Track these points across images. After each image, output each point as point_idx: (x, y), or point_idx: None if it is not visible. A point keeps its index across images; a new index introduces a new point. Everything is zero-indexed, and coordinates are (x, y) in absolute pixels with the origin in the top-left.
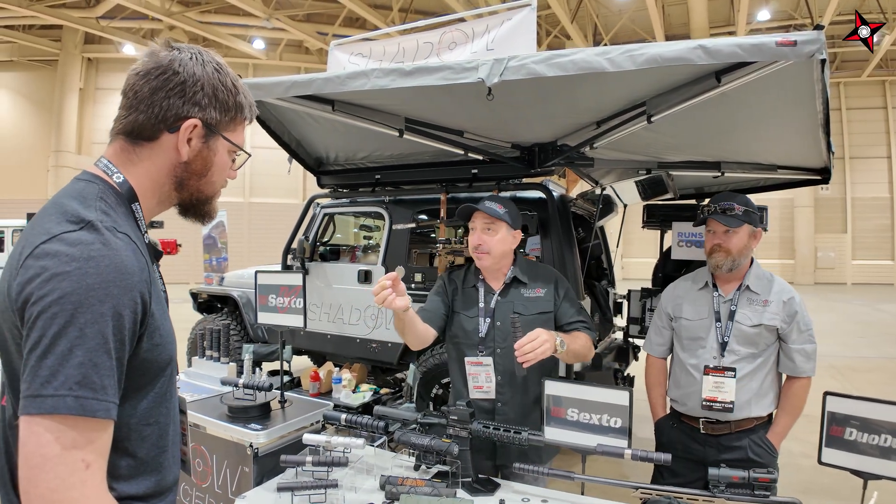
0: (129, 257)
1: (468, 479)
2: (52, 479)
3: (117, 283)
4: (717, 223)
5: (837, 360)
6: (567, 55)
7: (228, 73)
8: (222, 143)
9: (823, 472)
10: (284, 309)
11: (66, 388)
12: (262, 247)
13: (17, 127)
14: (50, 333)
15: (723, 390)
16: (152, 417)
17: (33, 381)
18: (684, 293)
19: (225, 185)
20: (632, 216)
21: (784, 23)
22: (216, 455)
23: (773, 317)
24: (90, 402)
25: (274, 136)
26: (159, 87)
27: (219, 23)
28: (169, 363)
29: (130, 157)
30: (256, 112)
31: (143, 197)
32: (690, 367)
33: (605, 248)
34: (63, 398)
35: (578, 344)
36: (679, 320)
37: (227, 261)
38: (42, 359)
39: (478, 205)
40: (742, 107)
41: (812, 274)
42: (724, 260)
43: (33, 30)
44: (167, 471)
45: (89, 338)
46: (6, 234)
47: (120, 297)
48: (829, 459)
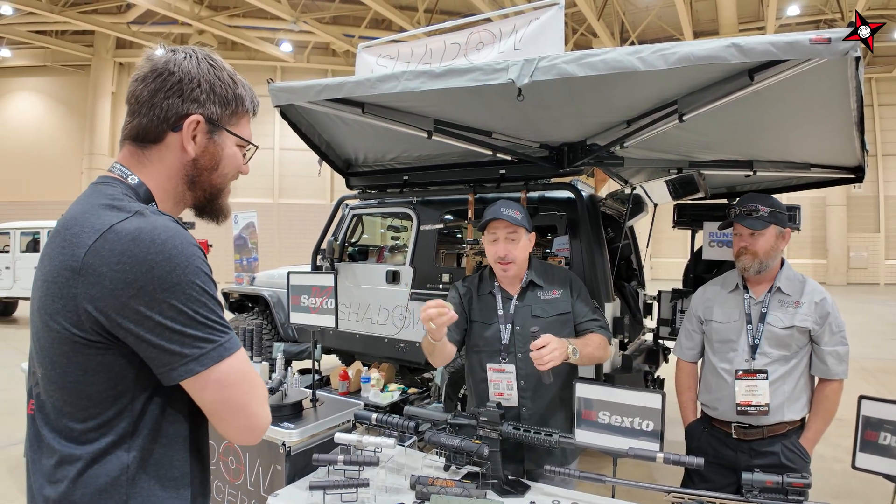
0: (182, 230)
1: (498, 481)
2: (258, 396)
3: (196, 254)
4: (743, 226)
5: (869, 362)
6: (598, 55)
7: (224, 67)
8: (228, 137)
9: (855, 476)
10: (316, 309)
11: (222, 332)
12: (292, 247)
13: (51, 130)
14: (181, 302)
15: (756, 393)
16: (186, 409)
17: (187, 343)
18: (714, 296)
19: (236, 178)
20: (661, 216)
21: (814, 18)
22: (249, 453)
23: (805, 318)
24: (236, 340)
25: (305, 138)
26: (158, 88)
27: (247, 26)
28: None
29: (141, 160)
30: (258, 103)
31: (158, 199)
32: (722, 370)
33: (635, 248)
34: (228, 340)
35: (591, 347)
36: (709, 323)
37: (257, 261)
38: (189, 324)
39: (498, 214)
40: (775, 105)
41: (844, 274)
42: (752, 262)
43: (66, 35)
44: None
45: (208, 297)
46: (42, 234)
47: (203, 262)
48: (863, 464)
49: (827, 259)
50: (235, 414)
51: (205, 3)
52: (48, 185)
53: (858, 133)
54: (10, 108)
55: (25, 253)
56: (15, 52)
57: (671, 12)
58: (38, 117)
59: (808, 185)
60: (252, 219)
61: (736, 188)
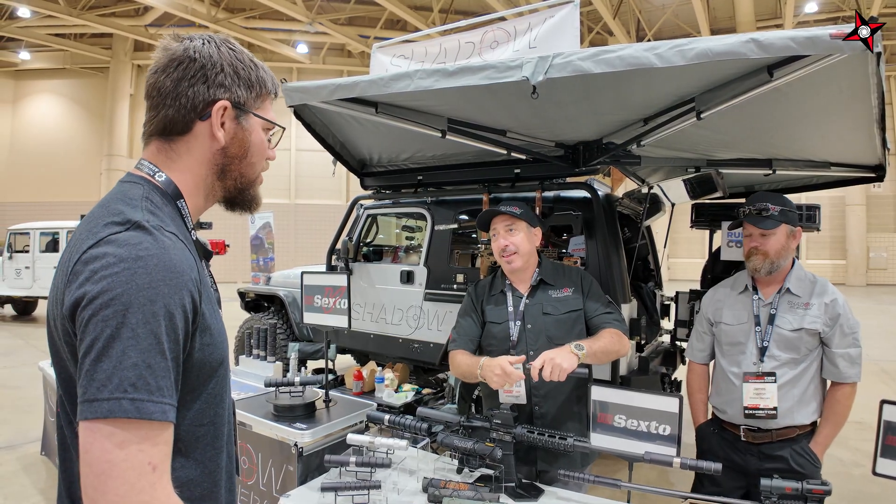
0: (178, 256)
1: (511, 484)
2: (121, 484)
3: (167, 281)
4: (753, 226)
5: (889, 364)
6: (614, 51)
7: (243, 50)
8: (255, 121)
9: (874, 481)
10: (329, 309)
11: (120, 391)
12: (308, 247)
13: (70, 132)
14: (103, 336)
15: (764, 397)
16: (206, 419)
17: (89, 385)
18: (724, 298)
19: (266, 168)
20: (679, 216)
21: (832, 15)
22: (261, 453)
23: (815, 320)
24: (146, 405)
25: (319, 138)
26: (181, 77)
27: (263, 28)
28: (221, 364)
29: (169, 154)
30: (279, 85)
31: (188, 194)
32: (731, 374)
33: (652, 248)
34: (119, 401)
35: (603, 341)
36: (719, 325)
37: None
38: (97, 362)
39: (495, 210)
40: (794, 102)
41: (864, 275)
42: (763, 263)
43: (84, 38)
44: (221, 481)
45: (142, 338)
46: (61, 234)
47: (170, 297)
48: (884, 470)
49: (846, 259)
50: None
51: (221, 6)
52: (67, 187)
53: (879, 130)
54: (29, 110)
55: (45, 253)
56: (34, 54)
57: (688, 10)
58: (57, 119)
59: (828, 184)
60: (268, 219)
61: (755, 187)
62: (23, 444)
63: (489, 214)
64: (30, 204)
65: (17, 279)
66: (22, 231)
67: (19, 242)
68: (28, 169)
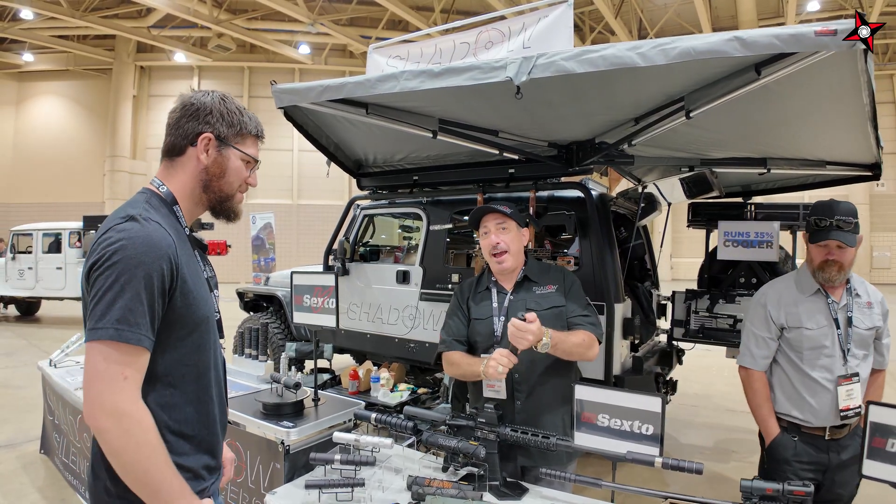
0: (157, 235)
1: (496, 483)
2: (101, 384)
3: (148, 253)
4: (836, 240)
5: (890, 365)
6: (597, 51)
7: (233, 101)
8: (233, 151)
9: (870, 482)
10: (318, 309)
11: (110, 323)
12: (311, 247)
13: (73, 133)
14: (102, 289)
15: (853, 397)
16: (190, 360)
17: (90, 319)
18: (795, 302)
19: (245, 190)
20: (680, 215)
21: (834, 13)
22: (250, 451)
23: (878, 317)
24: (125, 333)
25: (311, 139)
26: (181, 115)
27: (265, 29)
28: (203, 321)
29: (170, 170)
30: (262, 129)
31: (182, 200)
32: (819, 378)
33: (649, 247)
34: (107, 329)
35: (572, 342)
36: (798, 330)
37: (274, 261)
38: (97, 304)
39: (486, 208)
40: (786, 100)
41: (867, 274)
42: (839, 275)
43: (87, 40)
44: (218, 434)
45: (127, 291)
46: (63, 235)
47: (150, 263)
48: (870, 472)
49: None
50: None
51: (223, 7)
52: (71, 188)
53: (873, 129)
54: (33, 111)
55: (47, 254)
56: (37, 56)
57: (689, 9)
58: (60, 120)
59: (825, 183)
60: (269, 220)
61: (751, 187)
62: (23, 442)
63: (481, 212)
64: (33, 205)
65: (20, 280)
66: (25, 232)
67: (22, 243)
68: (32, 170)
